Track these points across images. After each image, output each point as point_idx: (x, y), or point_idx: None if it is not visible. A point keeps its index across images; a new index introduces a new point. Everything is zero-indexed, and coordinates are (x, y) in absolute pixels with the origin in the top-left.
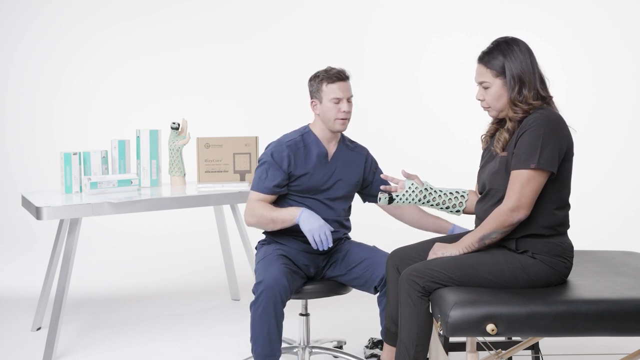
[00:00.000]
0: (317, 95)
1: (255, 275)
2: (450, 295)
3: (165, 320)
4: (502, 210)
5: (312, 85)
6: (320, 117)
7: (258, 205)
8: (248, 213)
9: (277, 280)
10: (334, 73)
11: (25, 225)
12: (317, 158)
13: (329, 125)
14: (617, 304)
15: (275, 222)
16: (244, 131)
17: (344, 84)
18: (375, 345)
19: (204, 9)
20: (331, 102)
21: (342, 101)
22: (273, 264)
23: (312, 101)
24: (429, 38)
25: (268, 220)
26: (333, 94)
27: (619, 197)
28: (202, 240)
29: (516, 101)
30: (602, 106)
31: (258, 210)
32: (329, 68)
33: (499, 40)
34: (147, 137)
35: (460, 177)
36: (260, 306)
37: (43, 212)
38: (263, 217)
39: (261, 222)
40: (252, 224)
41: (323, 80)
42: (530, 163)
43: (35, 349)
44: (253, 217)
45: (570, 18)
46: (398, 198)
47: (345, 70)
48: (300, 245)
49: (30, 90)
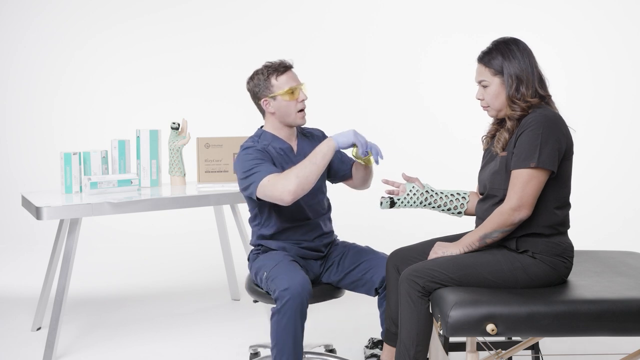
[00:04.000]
0: (267, 92)
1: (272, 282)
2: (450, 295)
3: (165, 320)
4: (504, 209)
5: (257, 85)
6: (275, 115)
7: (281, 176)
8: (282, 187)
9: (303, 287)
10: (279, 64)
11: (25, 225)
12: (285, 154)
13: (288, 120)
14: (617, 304)
15: (318, 165)
16: (244, 131)
17: (293, 72)
18: (375, 345)
19: (204, 9)
20: (286, 94)
21: (298, 90)
22: (293, 269)
23: (264, 100)
24: (430, 38)
25: (308, 172)
26: (286, 86)
27: (619, 197)
28: (202, 240)
29: (514, 99)
30: (602, 106)
31: (289, 176)
32: (269, 63)
33: (498, 40)
34: (147, 137)
35: (461, 177)
36: (286, 315)
37: (43, 212)
38: (300, 176)
39: (302, 180)
40: (295, 190)
41: (271, 75)
42: (530, 162)
43: (35, 349)
44: (290, 184)
45: (570, 18)
46: (400, 201)
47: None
48: (298, 250)
49: (30, 90)
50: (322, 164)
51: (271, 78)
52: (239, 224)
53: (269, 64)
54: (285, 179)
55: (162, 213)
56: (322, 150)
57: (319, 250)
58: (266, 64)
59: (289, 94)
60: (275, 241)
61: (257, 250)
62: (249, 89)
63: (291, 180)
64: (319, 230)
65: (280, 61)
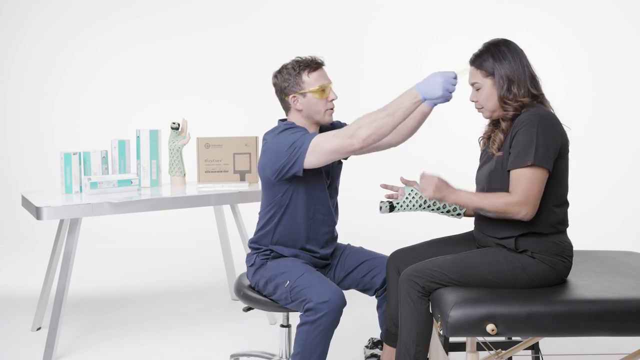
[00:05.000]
0: (297, 88)
1: (302, 292)
2: (450, 295)
3: (165, 320)
4: (508, 201)
5: (286, 80)
6: (302, 113)
7: (345, 127)
8: (351, 132)
9: (342, 300)
10: (312, 60)
11: (25, 225)
12: None
13: (316, 118)
14: (617, 304)
15: (395, 119)
16: (244, 131)
17: (324, 70)
18: (375, 345)
19: (204, 9)
20: (317, 92)
21: (328, 89)
22: (326, 280)
23: (292, 96)
24: (430, 38)
25: (382, 123)
26: (318, 83)
27: (619, 197)
28: (202, 240)
29: (506, 99)
30: (602, 106)
31: (360, 123)
32: (299, 58)
33: (489, 42)
34: (147, 137)
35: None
36: (319, 327)
37: (43, 212)
38: (373, 126)
39: (376, 130)
40: (366, 138)
41: (303, 70)
42: (527, 160)
43: (35, 349)
44: (362, 131)
45: (570, 18)
46: (399, 205)
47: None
48: (308, 257)
49: (30, 90)
50: (400, 119)
51: (302, 74)
52: (239, 224)
53: (300, 59)
54: (355, 125)
55: (162, 213)
56: (405, 104)
57: (327, 258)
58: (297, 59)
59: (319, 92)
60: (286, 246)
61: (264, 256)
62: (275, 83)
63: (363, 128)
64: (332, 233)
65: (312, 57)
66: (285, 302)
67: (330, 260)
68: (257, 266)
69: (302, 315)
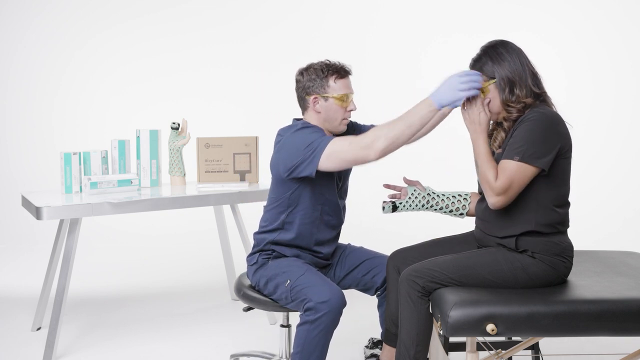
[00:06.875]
0: (321, 90)
1: (302, 291)
2: (450, 295)
3: (165, 320)
4: (491, 184)
5: (312, 80)
6: (320, 116)
7: (361, 135)
8: (368, 143)
9: (342, 300)
10: (341, 67)
11: (25, 225)
12: None
13: (333, 124)
14: (617, 304)
15: (412, 128)
16: (244, 131)
17: (350, 79)
18: (375, 345)
19: (204, 9)
20: (339, 100)
21: (350, 99)
22: (326, 280)
23: (314, 97)
24: (430, 38)
25: (399, 133)
26: (342, 91)
27: (619, 197)
28: (202, 240)
29: (509, 102)
30: (602, 106)
31: (377, 133)
32: (328, 62)
33: (486, 45)
34: (147, 137)
35: (463, 175)
36: (319, 327)
37: (43, 212)
38: (390, 137)
39: (393, 140)
40: (384, 149)
41: (331, 75)
42: (515, 155)
43: (35, 349)
44: (379, 143)
45: (570, 18)
46: (402, 205)
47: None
48: (309, 257)
49: (30, 90)
50: (417, 129)
51: (330, 78)
52: (239, 224)
53: (329, 63)
54: (372, 136)
55: (162, 213)
56: (420, 112)
57: (328, 258)
58: (326, 62)
59: (341, 100)
60: (290, 247)
61: (266, 255)
62: (299, 80)
63: (380, 139)
64: (337, 233)
65: (342, 65)
66: (285, 301)
67: (330, 260)
68: (258, 265)
69: (302, 315)
